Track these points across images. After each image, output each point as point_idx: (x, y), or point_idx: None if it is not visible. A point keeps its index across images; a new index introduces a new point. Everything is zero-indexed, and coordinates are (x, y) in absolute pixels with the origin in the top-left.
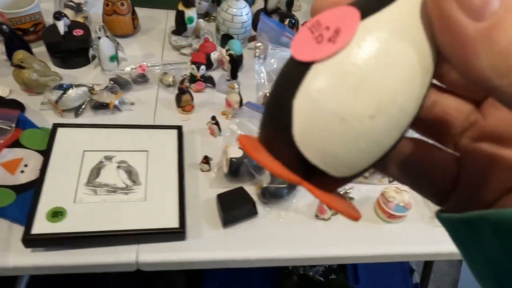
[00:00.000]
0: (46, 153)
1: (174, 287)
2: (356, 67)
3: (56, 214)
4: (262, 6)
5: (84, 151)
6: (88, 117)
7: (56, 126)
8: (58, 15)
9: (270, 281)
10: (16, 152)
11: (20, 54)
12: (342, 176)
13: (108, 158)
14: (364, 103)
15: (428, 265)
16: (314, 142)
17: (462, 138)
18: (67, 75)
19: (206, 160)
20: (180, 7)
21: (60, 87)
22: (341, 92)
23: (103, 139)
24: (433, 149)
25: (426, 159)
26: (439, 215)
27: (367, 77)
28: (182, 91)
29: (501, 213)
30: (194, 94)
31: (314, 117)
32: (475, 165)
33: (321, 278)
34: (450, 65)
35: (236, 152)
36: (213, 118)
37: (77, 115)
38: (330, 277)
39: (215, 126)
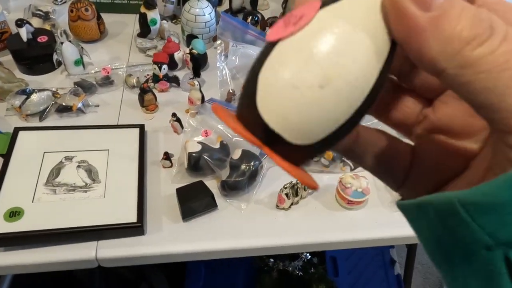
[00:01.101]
0: (6, 157)
1: None
2: (308, 43)
3: (14, 213)
4: (227, 7)
5: (45, 152)
6: (53, 120)
7: (17, 129)
8: (20, 22)
9: (251, 278)
10: None
11: None
12: (300, 143)
13: (69, 158)
14: (314, 73)
15: (410, 256)
16: (273, 107)
17: (417, 129)
18: (34, 81)
19: (167, 156)
20: (142, 9)
21: (23, 92)
22: (295, 63)
23: (64, 140)
24: (393, 140)
25: (388, 149)
26: (396, 203)
27: (317, 51)
28: (144, 91)
29: (440, 196)
30: (159, 94)
31: (272, 85)
32: (427, 154)
33: (300, 273)
34: (405, 52)
35: (194, 147)
36: (174, 115)
37: (41, 119)
38: (310, 271)
39: (176, 123)
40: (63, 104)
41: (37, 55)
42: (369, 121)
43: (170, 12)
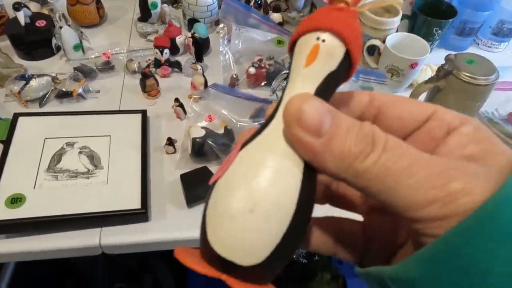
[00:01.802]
0: (6, 143)
1: (160, 283)
2: (234, 177)
3: (15, 200)
4: None
5: (46, 138)
6: (53, 106)
7: (17, 115)
8: (17, 6)
9: None
10: None
11: None
12: (251, 264)
13: (70, 144)
14: (243, 201)
15: None
16: (220, 238)
17: (362, 208)
18: (32, 66)
19: (170, 141)
20: None
21: (22, 77)
22: (226, 197)
23: (65, 126)
24: (344, 222)
25: (341, 233)
26: (354, 269)
27: (241, 182)
28: (145, 76)
29: (376, 270)
30: (161, 80)
31: (215, 219)
32: (375, 230)
33: (305, 260)
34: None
35: (198, 132)
36: (176, 100)
37: (41, 105)
38: (314, 259)
39: (179, 109)
40: (63, 89)
41: (35, 40)
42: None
43: None
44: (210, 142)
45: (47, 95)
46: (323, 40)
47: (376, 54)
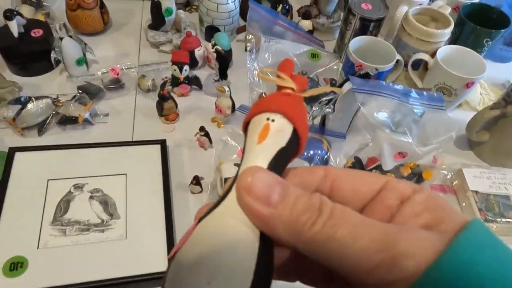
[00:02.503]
0: (1, 186)
1: None
2: (191, 251)
3: (15, 265)
4: None
5: (49, 180)
6: (54, 134)
7: (13, 150)
8: (9, 14)
9: None
10: None
11: None
12: None
13: (79, 187)
14: (199, 275)
15: None
16: None
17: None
18: (28, 84)
19: (197, 181)
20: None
21: (17, 101)
22: (184, 271)
23: (71, 163)
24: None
25: (303, 267)
26: None
27: (198, 255)
28: (163, 98)
29: None
30: (177, 99)
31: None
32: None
33: None
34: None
35: (231, 171)
36: (202, 129)
37: (40, 132)
38: None
39: (204, 138)
40: (67, 114)
41: (31, 53)
42: None
43: None
44: None
45: (47, 121)
46: (273, 120)
47: (421, 68)
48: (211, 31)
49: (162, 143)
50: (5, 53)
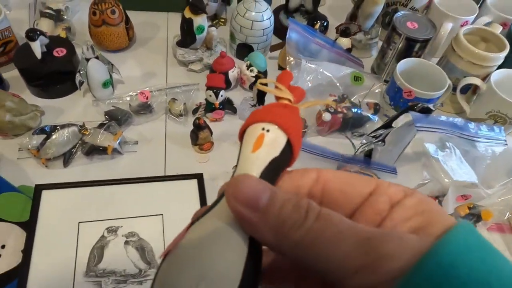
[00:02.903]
0: (29, 227)
1: None
2: (182, 253)
3: None
4: (278, 5)
5: (80, 222)
6: (80, 165)
7: (40, 188)
8: (32, 34)
9: None
10: None
11: None
12: None
13: (112, 231)
14: (189, 277)
15: None
16: None
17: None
18: (50, 107)
19: None
20: (187, 14)
21: (41, 131)
22: (175, 272)
23: (102, 202)
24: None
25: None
26: None
27: (188, 257)
28: (199, 127)
29: None
30: (210, 124)
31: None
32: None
33: None
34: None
35: None
36: None
37: (66, 164)
38: None
39: None
40: (95, 144)
41: (54, 74)
42: None
43: (213, 11)
44: None
45: (73, 152)
46: (268, 130)
47: (469, 92)
48: (242, 49)
49: (199, 178)
50: (26, 74)
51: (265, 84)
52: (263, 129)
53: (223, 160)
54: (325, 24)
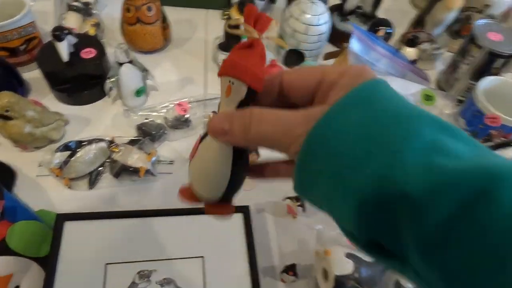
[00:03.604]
0: (48, 265)
1: None
2: (197, 160)
3: None
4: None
5: (107, 264)
6: (107, 187)
7: (62, 219)
8: (59, 34)
9: None
10: (2, 264)
11: (4, 99)
12: (214, 200)
13: (145, 276)
14: (202, 174)
15: None
16: (196, 190)
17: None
18: (76, 115)
19: (293, 272)
20: (235, 13)
21: (65, 147)
22: (195, 171)
23: (133, 238)
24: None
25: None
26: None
27: (201, 163)
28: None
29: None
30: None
31: (193, 180)
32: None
33: None
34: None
35: (342, 264)
36: (299, 198)
37: (92, 185)
38: None
39: (294, 204)
40: (125, 164)
41: (80, 77)
42: None
43: (260, 10)
44: (358, 286)
45: (100, 172)
46: (233, 83)
47: None
48: (292, 55)
49: (245, 211)
50: (51, 78)
51: (236, 27)
52: (229, 81)
53: (270, 186)
54: (389, 31)
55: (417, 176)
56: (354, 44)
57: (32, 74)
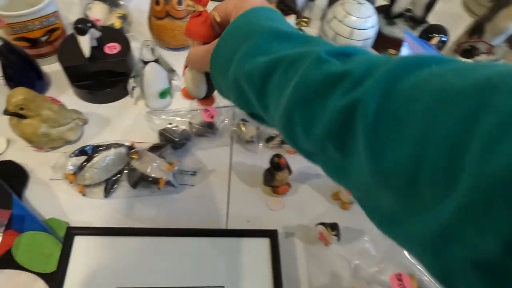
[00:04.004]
0: (55, 283)
1: None
2: (186, 78)
3: None
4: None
5: None
6: (124, 197)
7: (72, 233)
8: (82, 26)
9: None
10: (6, 278)
11: (19, 96)
12: (199, 96)
13: None
14: (190, 86)
15: None
16: (188, 93)
17: None
18: (95, 114)
19: None
20: None
21: (81, 152)
22: (187, 83)
23: (148, 259)
24: None
25: None
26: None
27: (188, 80)
28: (278, 167)
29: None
30: (286, 156)
31: (187, 87)
32: None
33: None
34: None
35: None
36: (334, 227)
37: (107, 193)
38: None
39: (329, 233)
40: (144, 173)
41: (102, 74)
42: None
43: (298, 8)
44: None
45: (117, 179)
46: (192, 41)
47: None
48: None
49: (272, 236)
50: (71, 73)
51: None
52: (190, 40)
53: (301, 207)
54: (444, 39)
55: (247, 63)
56: (405, 53)
57: (53, 67)
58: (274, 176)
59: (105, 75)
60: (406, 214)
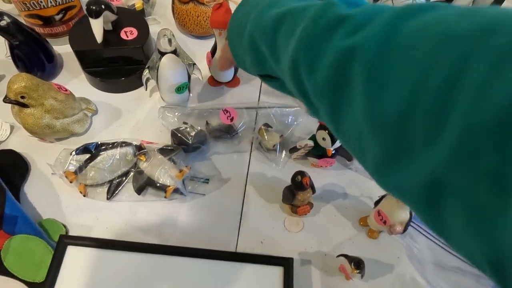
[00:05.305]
0: None
1: None
2: (211, 67)
3: None
4: None
5: None
6: (128, 201)
7: (65, 243)
8: (94, 8)
9: None
10: None
11: (20, 82)
12: (225, 81)
13: None
14: (218, 73)
15: None
16: (215, 77)
17: None
18: (105, 104)
19: None
20: None
21: (84, 150)
22: (212, 70)
23: (146, 280)
24: None
25: None
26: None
27: (214, 68)
28: (299, 187)
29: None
30: (308, 170)
31: (212, 73)
32: None
33: None
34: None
35: None
36: (358, 265)
37: (110, 195)
38: None
39: (351, 267)
40: (151, 178)
41: (117, 61)
42: None
43: None
44: None
45: (122, 181)
46: (219, 31)
47: None
48: None
49: (286, 265)
50: (82, 58)
51: None
52: (218, 29)
53: (322, 231)
54: None
55: (262, 17)
56: None
57: (66, 48)
58: (295, 196)
59: (119, 63)
60: (396, 162)
